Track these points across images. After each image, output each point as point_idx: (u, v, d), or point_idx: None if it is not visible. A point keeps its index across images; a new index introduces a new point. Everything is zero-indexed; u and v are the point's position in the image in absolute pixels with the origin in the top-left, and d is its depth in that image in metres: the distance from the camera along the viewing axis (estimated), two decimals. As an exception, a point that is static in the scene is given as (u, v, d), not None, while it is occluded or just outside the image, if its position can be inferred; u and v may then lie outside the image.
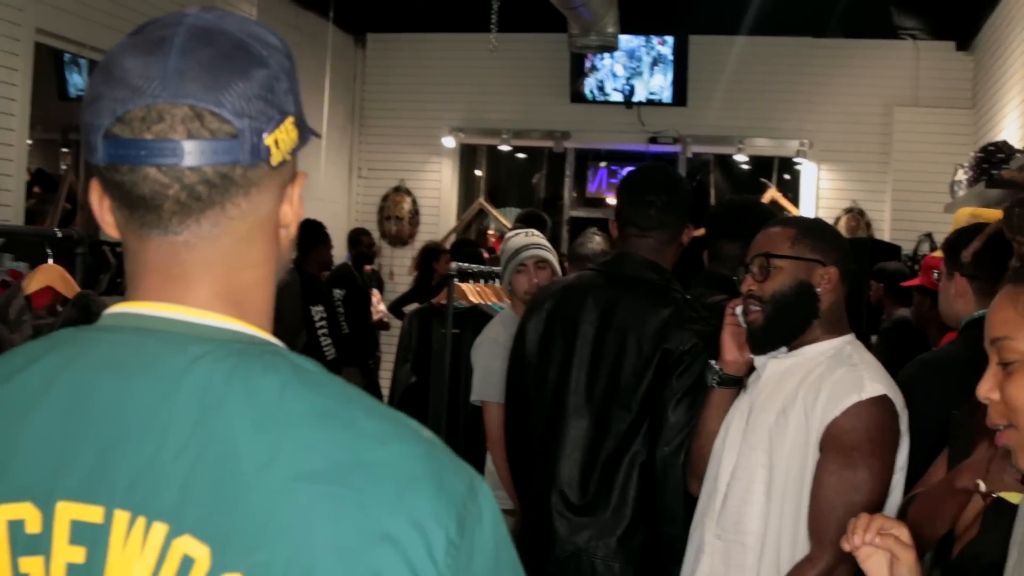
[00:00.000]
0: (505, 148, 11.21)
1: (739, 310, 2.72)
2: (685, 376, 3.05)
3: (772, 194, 10.19)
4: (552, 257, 4.70)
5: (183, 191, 1.05)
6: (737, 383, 2.80)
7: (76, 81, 8.40)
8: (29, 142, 7.62)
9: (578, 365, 3.18)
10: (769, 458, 2.59)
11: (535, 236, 4.80)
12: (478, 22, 9.03)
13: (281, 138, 1.08)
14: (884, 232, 9.84)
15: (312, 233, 7.75)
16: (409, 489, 1.00)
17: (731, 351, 2.77)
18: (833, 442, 2.50)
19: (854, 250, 5.80)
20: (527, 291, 4.49)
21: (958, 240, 3.23)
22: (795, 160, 10.56)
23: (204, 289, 1.08)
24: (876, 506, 2.47)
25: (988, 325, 1.65)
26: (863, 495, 2.46)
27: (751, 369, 2.78)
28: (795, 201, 10.33)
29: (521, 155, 11.90)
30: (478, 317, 5.49)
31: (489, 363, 4.63)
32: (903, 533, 1.61)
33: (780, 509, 2.56)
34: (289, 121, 1.09)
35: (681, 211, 3.31)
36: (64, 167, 8.04)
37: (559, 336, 3.26)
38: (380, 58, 11.49)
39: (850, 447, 2.48)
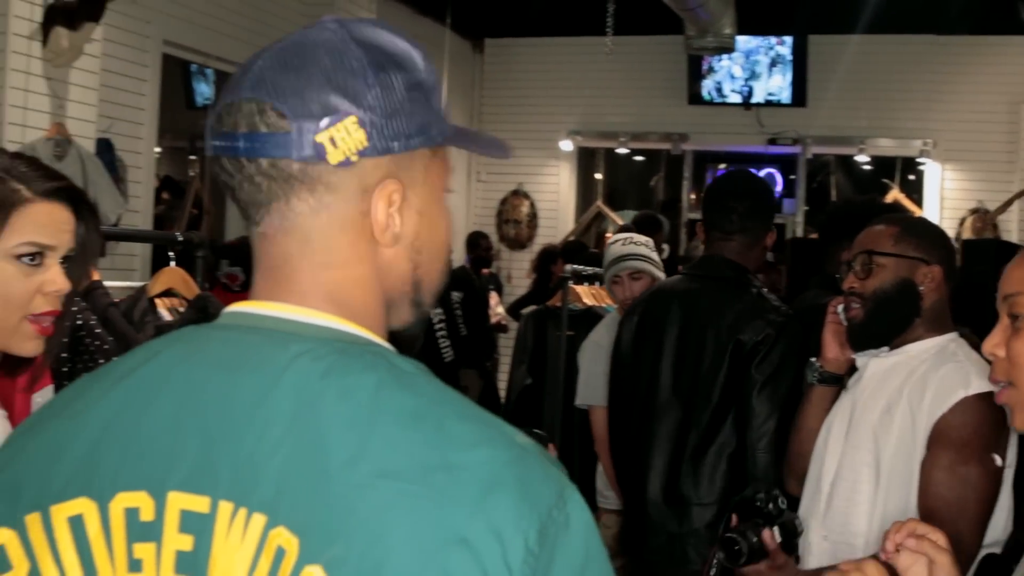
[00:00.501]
0: (623, 151, 11.20)
1: (841, 308, 2.71)
2: (763, 365, 3.19)
3: (895, 195, 10.02)
4: (649, 265, 4.69)
5: (245, 181, 1.11)
6: (838, 381, 2.78)
7: (203, 91, 8.63)
8: (158, 150, 7.87)
9: (666, 363, 3.36)
10: (875, 457, 2.57)
11: (633, 243, 4.81)
12: (595, 25, 9.05)
13: (338, 137, 1.09)
14: (1012, 233, 9.60)
15: None
16: (491, 494, 0.98)
17: (832, 349, 2.76)
18: (942, 438, 2.46)
19: (978, 251, 5.72)
20: (623, 301, 4.60)
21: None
22: (918, 160, 10.36)
23: (299, 284, 1.12)
24: (988, 502, 2.43)
25: (1003, 281, 1.68)
26: (976, 491, 2.42)
27: (852, 369, 2.76)
28: (919, 202, 10.14)
29: (639, 158, 11.88)
30: (592, 319, 5.50)
31: (592, 367, 4.68)
32: (939, 537, 1.58)
33: (886, 509, 2.53)
34: (350, 120, 1.09)
35: (763, 216, 3.48)
36: (191, 174, 8.26)
37: (649, 337, 3.46)
38: (498, 63, 11.58)
39: (961, 443, 2.44)
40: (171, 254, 3.22)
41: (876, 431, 2.57)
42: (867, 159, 10.54)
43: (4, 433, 1.79)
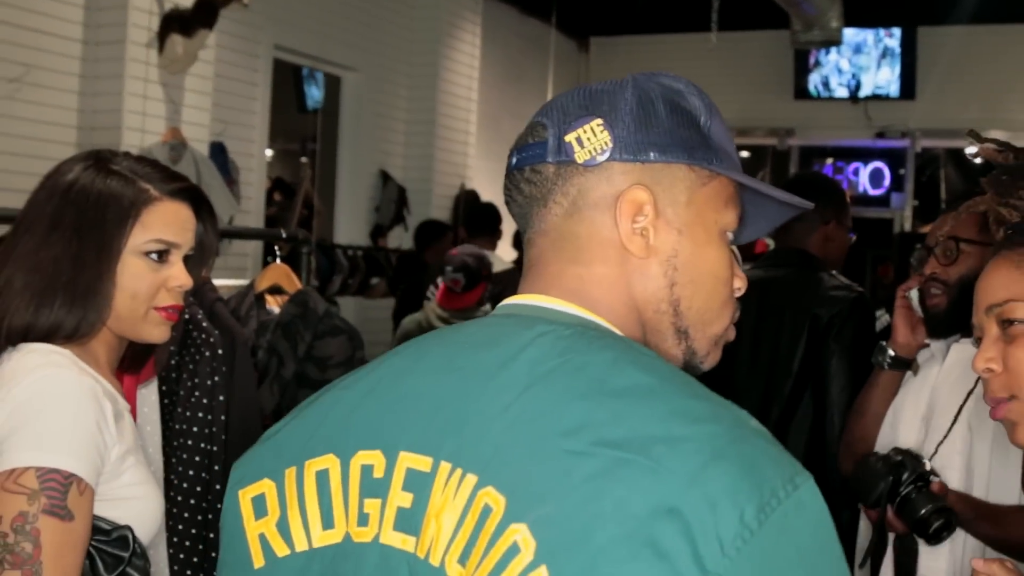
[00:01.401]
0: (728, 147, 11.14)
1: (913, 294, 2.72)
2: (841, 336, 3.31)
3: (1007, 187, 9.82)
4: None
5: (517, 192, 1.23)
6: (907, 366, 2.77)
7: (314, 94, 8.81)
8: (269, 153, 8.07)
9: (744, 347, 3.45)
10: (967, 445, 2.57)
11: None
12: (699, 22, 9.05)
13: (585, 136, 1.17)
14: None
15: (430, 231, 7.74)
16: (712, 465, 0.94)
17: (904, 333, 2.74)
18: None
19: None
20: None
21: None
22: (967, 150, 10.17)
23: (549, 277, 1.21)
24: None
25: (985, 291, 1.60)
26: None
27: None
28: (1032, 193, 9.93)
29: (745, 153, 11.81)
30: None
31: None
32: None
33: (982, 495, 2.53)
34: (596, 122, 1.17)
35: (818, 203, 3.51)
36: (302, 176, 8.46)
37: None
38: (603, 61, 11.62)
39: None
40: (277, 251, 3.34)
41: (971, 421, 2.56)
42: (976, 150, 10.32)
43: (131, 428, 1.90)
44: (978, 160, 10.16)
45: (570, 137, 1.17)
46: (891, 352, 2.76)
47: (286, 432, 1.22)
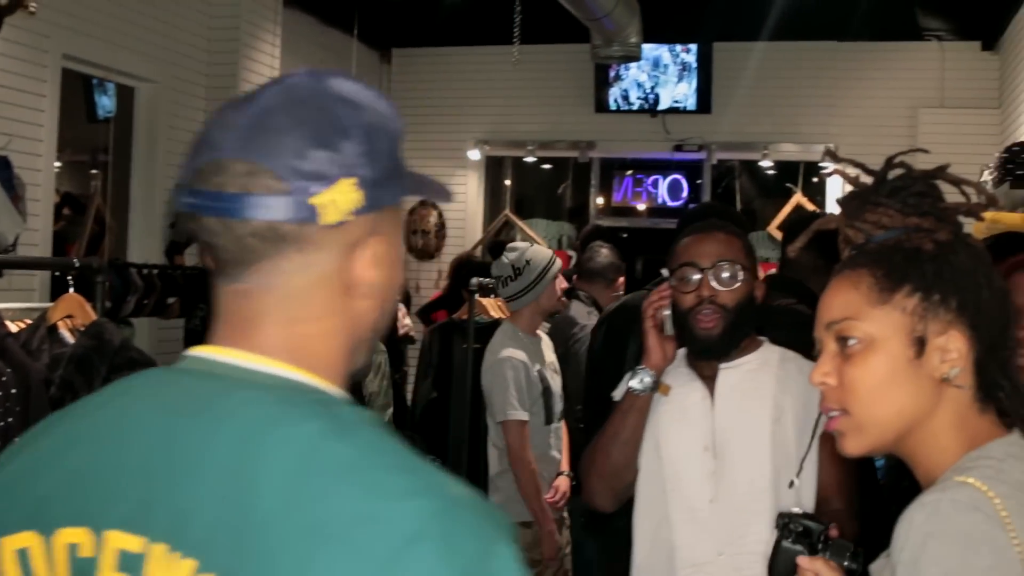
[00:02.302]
0: (531, 159, 11.23)
1: (666, 313, 2.69)
2: None
3: (798, 199, 10.17)
4: None
5: (235, 242, 1.12)
6: (658, 387, 2.73)
7: (105, 104, 8.49)
8: (58, 165, 7.71)
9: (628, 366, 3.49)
10: (774, 465, 2.56)
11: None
12: (502, 35, 9.06)
13: (335, 199, 1.11)
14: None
15: None
16: (411, 547, 0.97)
17: (659, 354, 2.71)
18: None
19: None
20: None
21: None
22: (821, 164, 10.53)
23: (265, 337, 1.14)
24: None
25: (825, 309, 1.66)
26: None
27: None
28: (821, 205, 10.29)
29: (547, 166, 11.92)
30: (500, 331, 5.52)
31: (506, 382, 4.70)
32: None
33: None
34: (347, 183, 1.12)
35: None
36: (93, 189, 8.12)
37: (615, 344, 3.79)
38: (405, 73, 11.55)
39: None
40: (69, 279, 3.16)
41: (772, 440, 2.57)
42: (771, 164, 10.69)
43: None
44: (771, 172, 10.51)
45: (318, 200, 1.10)
46: (652, 373, 2.69)
47: None
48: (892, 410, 1.59)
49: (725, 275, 2.62)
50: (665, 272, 2.77)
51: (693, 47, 10.52)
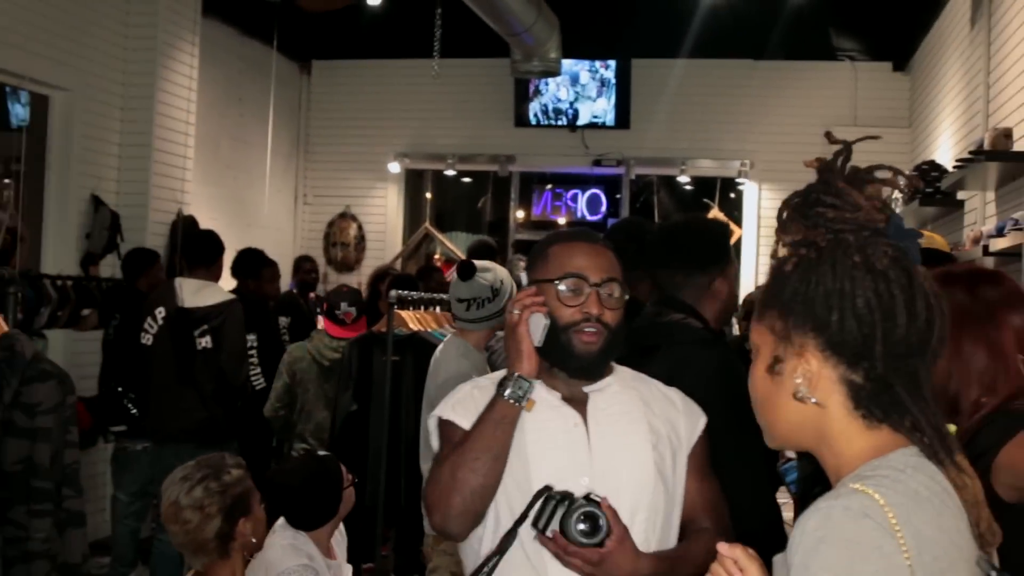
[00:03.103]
0: (451, 173, 11.24)
1: (547, 323, 2.43)
2: None
3: (715, 214, 10.28)
4: None
5: None
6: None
7: (18, 112, 8.35)
8: (-31, 174, 7.58)
9: None
10: (653, 481, 2.46)
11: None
12: (422, 48, 9.07)
13: None
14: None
15: (252, 260, 7.67)
16: None
17: (536, 362, 2.43)
18: (700, 456, 2.56)
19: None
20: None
21: None
22: (737, 180, 10.68)
23: None
24: None
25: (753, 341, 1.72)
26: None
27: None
28: (738, 221, 10.43)
29: (467, 179, 11.94)
30: (418, 344, 5.51)
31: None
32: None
33: (669, 525, 2.50)
34: None
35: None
36: (5, 199, 7.97)
37: None
38: (325, 85, 11.51)
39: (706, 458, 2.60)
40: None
41: (655, 466, 2.47)
42: (688, 180, 10.81)
43: None
44: (689, 187, 10.62)
45: None
46: (531, 382, 2.41)
47: None
48: (774, 417, 1.65)
49: (615, 294, 2.46)
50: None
51: (612, 63, 10.61)
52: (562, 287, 2.43)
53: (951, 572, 1.43)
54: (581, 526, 2.27)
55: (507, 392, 2.38)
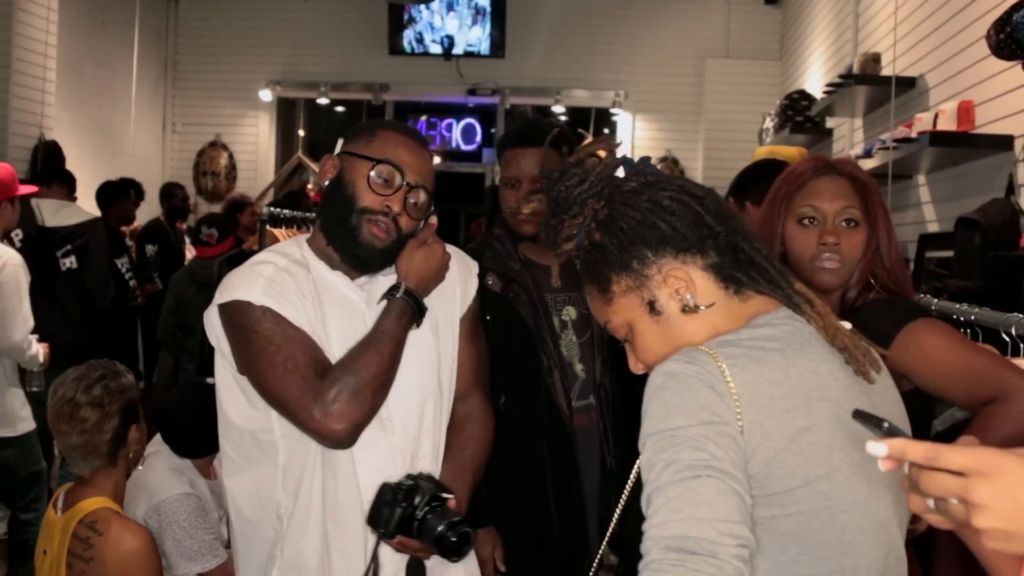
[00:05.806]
0: (323, 101, 11.07)
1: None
2: None
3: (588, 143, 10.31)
4: None
5: None
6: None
7: None
8: None
9: None
10: (439, 380, 2.44)
11: None
12: (293, -28, 8.89)
13: None
14: (697, 177, 10.05)
15: (111, 189, 7.64)
16: None
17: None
18: (471, 318, 2.56)
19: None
20: None
21: (745, 175, 3.49)
22: (611, 111, 10.72)
23: None
24: None
25: (599, 319, 1.78)
26: None
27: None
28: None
29: (340, 108, 11.78)
30: (291, 264, 5.43)
31: None
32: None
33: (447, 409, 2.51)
34: None
35: None
36: None
37: None
38: (193, 11, 11.20)
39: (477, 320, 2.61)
40: None
41: (437, 351, 2.44)
42: (563, 109, 10.81)
43: None
44: (564, 117, 10.62)
45: None
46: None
47: None
48: (681, 346, 1.66)
49: (419, 202, 2.36)
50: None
51: (487, -9, 10.53)
52: (373, 173, 2.33)
53: (804, 409, 1.50)
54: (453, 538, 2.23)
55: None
